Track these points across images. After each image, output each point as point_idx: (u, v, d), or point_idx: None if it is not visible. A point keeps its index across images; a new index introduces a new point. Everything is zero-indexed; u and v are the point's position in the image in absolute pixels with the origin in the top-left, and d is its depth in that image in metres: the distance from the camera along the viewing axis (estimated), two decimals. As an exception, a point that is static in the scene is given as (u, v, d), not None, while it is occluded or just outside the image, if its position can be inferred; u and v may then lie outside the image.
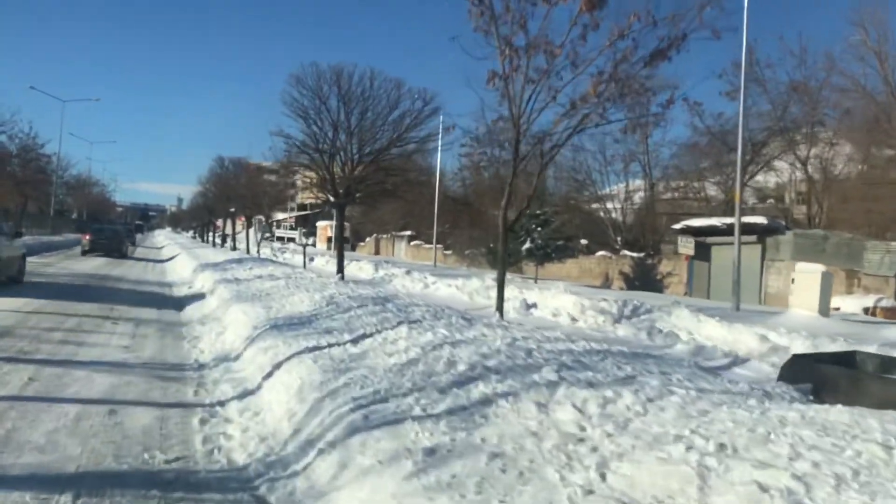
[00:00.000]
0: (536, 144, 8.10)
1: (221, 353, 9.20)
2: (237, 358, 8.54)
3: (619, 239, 33.23)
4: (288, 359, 7.02)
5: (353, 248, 74.06)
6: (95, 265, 26.60)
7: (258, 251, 30.15)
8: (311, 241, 79.38)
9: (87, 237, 32.64)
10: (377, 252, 67.44)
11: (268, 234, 79.90)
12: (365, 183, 14.61)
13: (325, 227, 76.25)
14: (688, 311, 15.65)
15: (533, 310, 15.15)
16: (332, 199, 14.57)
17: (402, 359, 6.26)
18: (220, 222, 52.96)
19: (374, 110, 14.01)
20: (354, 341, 7.34)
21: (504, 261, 10.11)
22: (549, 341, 7.17)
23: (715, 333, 14.36)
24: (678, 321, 15.60)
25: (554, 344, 6.99)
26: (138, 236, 65.60)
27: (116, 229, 35.71)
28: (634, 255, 31.10)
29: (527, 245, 28.25)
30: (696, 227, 26.90)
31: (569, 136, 7.99)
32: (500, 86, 7.95)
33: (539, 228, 28.20)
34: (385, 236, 66.02)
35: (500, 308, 9.70)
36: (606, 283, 32.44)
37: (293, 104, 14.48)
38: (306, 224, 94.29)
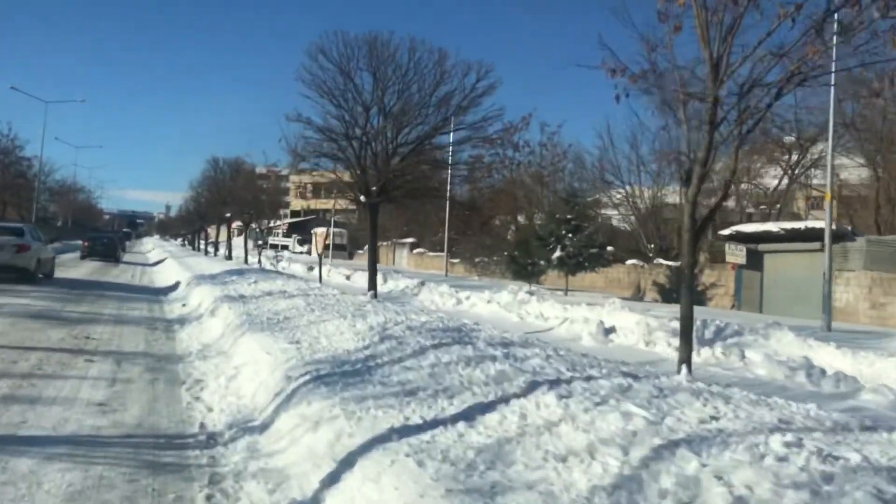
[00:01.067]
0: (745, 96, 5.31)
1: (238, 413, 6.36)
2: (266, 427, 5.70)
3: (651, 246, 30.47)
4: (364, 451, 4.19)
5: (351, 257, 71.08)
6: (81, 273, 25.88)
7: (259, 260, 27.29)
8: (305, 248, 76.42)
9: (86, 244, 36.88)
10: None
11: (261, 242, 76.92)
12: (404, 178, 11.74)
13: (322, 234, 73.23)
14: (793, 335, 12.92)
15: (613, 335, 12.32)
16: (363, 198, 11.69)
17: (594, 473, 3.42)
18: (213, 229, 49.95)
19: (416, 88, 11.24)
20: (468, 418, 4.50)
21: (691, 286, 6.84)
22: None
23: (838, 363, 11.64)
24: (781, 346, 12.86)
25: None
26: (126, 244, 67.63)
27: (111, 237, 40.73)
28: (671, 263, 28.34)
29: (557, 253, 25.45)
30: (748, 233, 24.22)
31: (782, 87, 5.20)
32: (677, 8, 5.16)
33: (569, 235, 25.41)
34: (385, 244, 62.97)
35: (685, 358, 6.06)
36: (638, 295, 29.69)
37: (314, 81, 11.69)
38: (299, 231, 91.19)
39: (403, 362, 6.20)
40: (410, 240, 57.86)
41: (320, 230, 74.67)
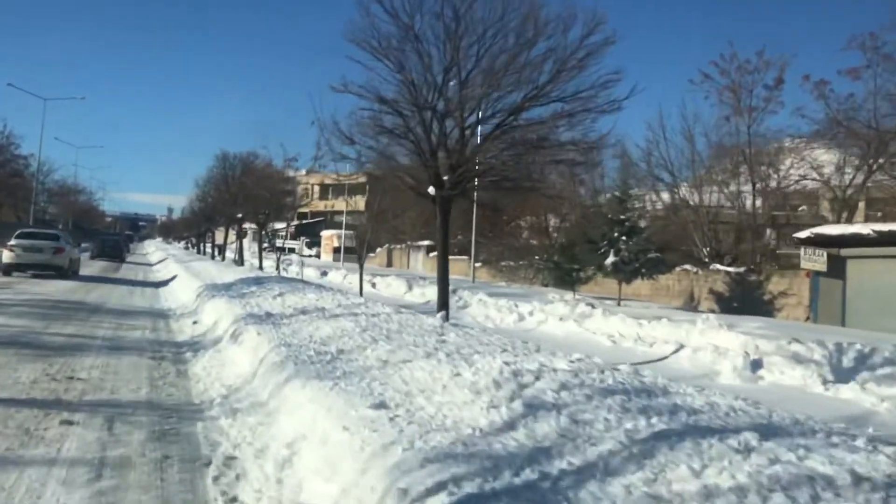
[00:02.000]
0: None
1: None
2: None
3: (706, 250, 27.62)
4: None
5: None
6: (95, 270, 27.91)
7: (277, 267, 24.53)
8: (314, 251, 73.63)
9: (96, 246, 42.61)
10: (389, 264, 61.77)
11: (266, 245, 74.02)
12: (487, 162, 8.81)
13: (331, 237, 70.54)
14: (978, 366, 10.13)
15: (762, 372, 9.49)
16: (432, 191, 8.85)
17: None
18: (221, 231, 47.05)
19: (500, 46, 8.38)
20: None
21: None
22: None
23: None
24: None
25: None
26: (129, 245, 73.69)
27: (117, 239, 47.78)
28: (730, 269, 25.51)
29: (611, 259, 22.61)
30: (831, 236, 21.36)
31: None
32: None
33: (624, 237, 22.58)
34: (399, 247, 60.30)
35: None
36: (692, 304, 26.87)
37: (368, 37, 8.79)
38: (306, 233, 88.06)
39: (621, 477, 3.38)
40: (426, 242, 54.95)
41: (329, 233, 72.27)
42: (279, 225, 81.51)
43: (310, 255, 69.76)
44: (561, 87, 8.45)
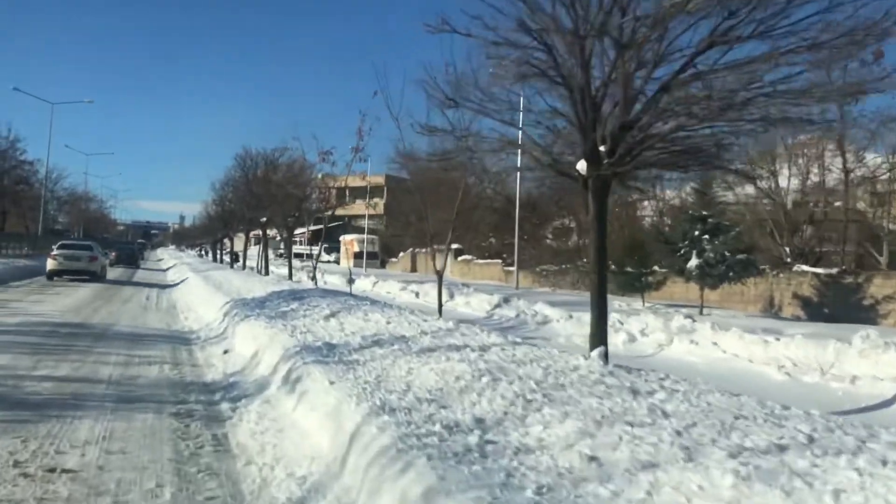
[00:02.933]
0: None
1: None
2: None
3: (787, 249, 24.52)
4: None
5: (383, 265, 65.39)
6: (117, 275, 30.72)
7: (314, 277, 21.58)
8: (333, 257, 70.74)
9: (114, 254, 44.90)
10: (413, 269, 58.83)
11: (282, 252, 71.16)
12: (663, 125, 5.95)
13: (351, 242, 67.69)
14: None
15: None
16: (582, 168, 5.99)
17: None
18: (239, 237, 44.16)
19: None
20: None
21: None
22: None
23: None
24: None
25: None
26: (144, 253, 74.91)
27: (133, 248, 53.68)
28: (820, 270, 22.44)
29: (694, 261, 19.61)
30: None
31: None
32: None
33: (707, 237, 19.58)
34: (423, 250, 57.24)
35: None
36: (771, 311, 23.80)
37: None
38: (320, 239, 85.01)
39: None
40: (455, 246, 51.99)
41: (349, 237, 69.41)
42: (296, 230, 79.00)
43: (328, 261, 66.89)
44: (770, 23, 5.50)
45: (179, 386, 8.37)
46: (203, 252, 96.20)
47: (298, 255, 79.52)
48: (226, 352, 10.57)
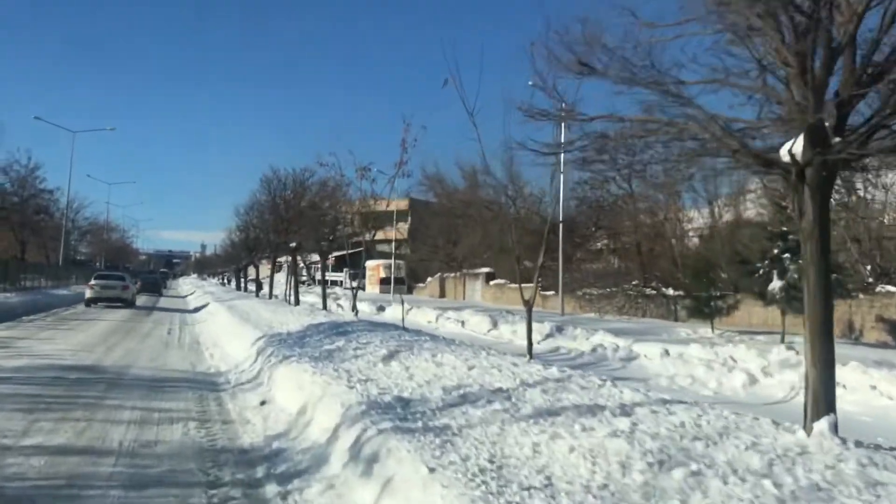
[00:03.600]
0: None
1: None
2: None
3: (868, 268, 22.26)
4: None
5: (410, 291, 63.33)
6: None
7: (354, 307, 19.57)
8: (357, 284, 68.77)
9: (139, 283, 43.39)
10: (442, 294, 56.83)
11: (305, 278, 69.44)
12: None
13: (377, 268, 65.87)
14: None
15: None
16: (796, 153, 4.20)
17: None
18: (264, 264, 42.54)
19: None
20: None
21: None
22: None
23: None
24: None
25: None
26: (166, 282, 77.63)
27: (156, 278, 57.02)
28: (912, 291, 20.18)
29: (776, 283, 17.49)
30: None
31: None
32: None
33: (789, 256, 17.46)
34: (452, 275, 55.37)
35: None
36: (851, 336, 21.51)
37: None
38: (347, 265, 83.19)
39: None
40: (485, 269, 49.87)
41: (375, 263, 67.61)
42: (316, 256, 77.26)
43: (353, 288, 65.24)
44: None
45: (209, 455, 6.46)
46: (225, 280, 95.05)
47: (324, 282, 78.26)
48: (263, 403, 8.66)
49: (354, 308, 19.80)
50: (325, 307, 23.24)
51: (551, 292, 41.37)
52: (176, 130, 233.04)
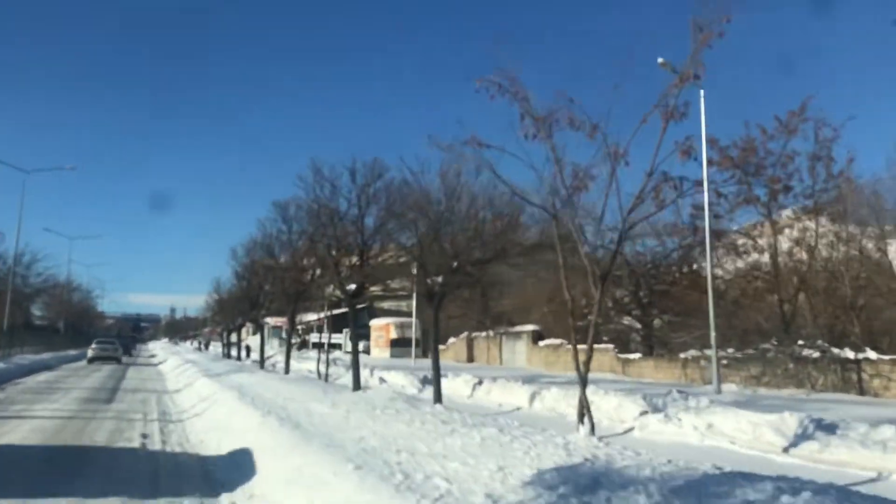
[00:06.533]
0: None
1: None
2: None
3: None
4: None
5: (425, 354, 53.75)
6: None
7: (437, 391, 10.88)
8: (361, 346, 58.95)
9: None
10: (470, 358, 47.55)
11: (297, 342, 59.61)
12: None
13: (385, 328, 56.56)
14: None
15: None
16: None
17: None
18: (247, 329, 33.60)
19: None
20: None
21: None
22: None
23: None
24: None
25: None
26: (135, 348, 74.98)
27: (126, 341, 63.03)
28: None
29: None
30: None
31: None
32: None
33: None
34: (483, 334, 46.15)
35: None
36: None
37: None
38: (344, 325, 72.58)
39: None
40: (531, 327, 40.79)
41: (382, 322, 57.97)
42: (310, 316, 67.05)
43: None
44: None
45: None
46: (201, 345, 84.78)
47: (318, 345, 67.67)
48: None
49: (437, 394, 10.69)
50: (356, 385, 14.14)
51: (636, 354, 32.59)
52: (144, 187, 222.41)
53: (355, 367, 17.56)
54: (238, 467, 8.34)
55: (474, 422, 9.19)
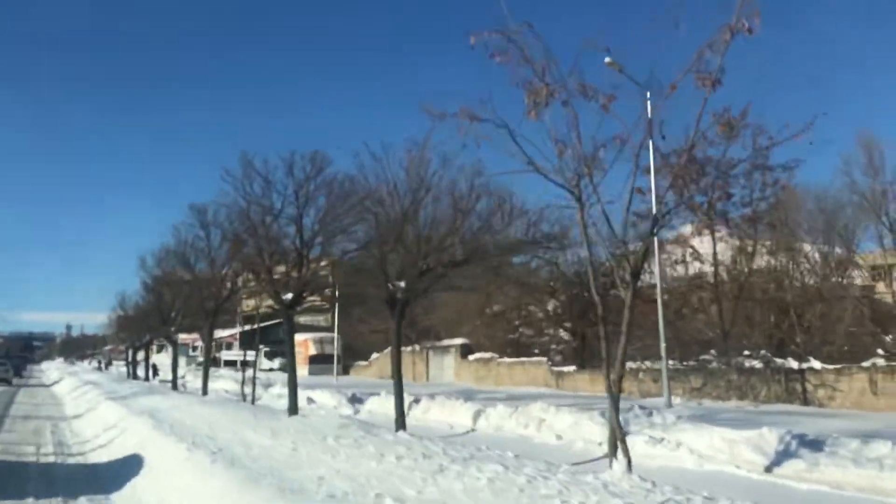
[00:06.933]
0: None
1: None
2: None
3: None
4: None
5: (346, 371, 51.43)
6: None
7: (401, 416, 9.24)
8: (276, 363, 56.30)
9: None
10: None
11: (202, 360, 56.07)
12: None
13: (303, 343, 53.84)
14: None
15: None
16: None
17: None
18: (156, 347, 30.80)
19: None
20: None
21: None
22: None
23: None
24: None
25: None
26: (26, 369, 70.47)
27: (17, 362, 57.51)
28: None
29: None
30: None
31: None
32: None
33: None
34: (409, 349, 44.33)
35: None
36: None
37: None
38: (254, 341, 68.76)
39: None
40: (459, 341, 39.46)
41: (298, 338, 55.27)
42: (221, 332, 63.37)
43: (271, 370, 52.58)
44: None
45: None
46: (102, 365, 79.39)
47: (230, 363, 63.92)
48: None
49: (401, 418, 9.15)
50: (293, 409, 12.48)
51: (570, 367, 31.73)
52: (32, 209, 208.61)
53: (292, 387, 15.69)
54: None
55: (461, 454, 7.63)
